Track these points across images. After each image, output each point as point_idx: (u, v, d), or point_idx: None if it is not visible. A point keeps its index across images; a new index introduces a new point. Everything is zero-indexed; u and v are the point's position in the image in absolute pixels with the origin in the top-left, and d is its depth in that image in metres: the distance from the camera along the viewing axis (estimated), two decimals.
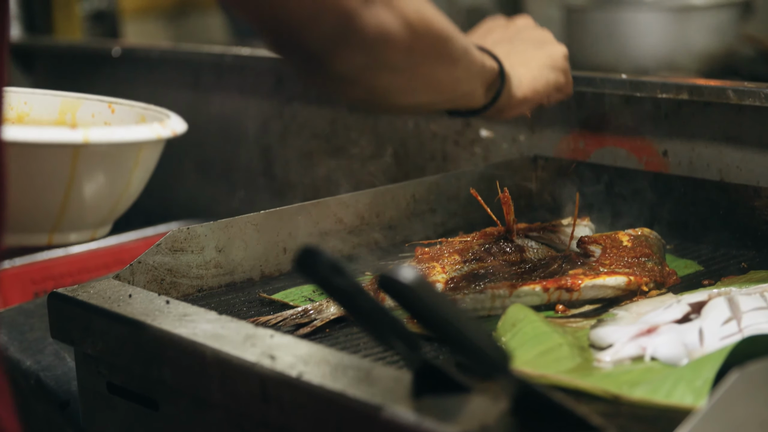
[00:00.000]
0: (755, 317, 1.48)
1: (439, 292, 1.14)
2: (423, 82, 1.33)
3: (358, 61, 1.21)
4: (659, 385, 1.33)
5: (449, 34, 1.32)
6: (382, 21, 1.19)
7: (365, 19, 1.18)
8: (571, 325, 1.57)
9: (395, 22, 1.21)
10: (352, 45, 1.20)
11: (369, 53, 1.21)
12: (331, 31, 1.18)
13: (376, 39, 1.20)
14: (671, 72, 4.60)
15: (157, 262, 1.74)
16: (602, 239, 1.79)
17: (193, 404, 1.48)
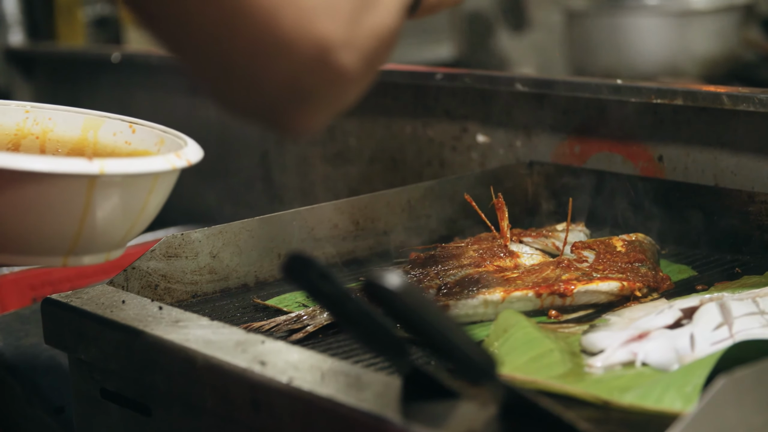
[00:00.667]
0: (746, 323, 1.48)
1: (425, 297, 1.14)
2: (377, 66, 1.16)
3: (321, 115, 1.09)
4: (649, 391, 1.33)
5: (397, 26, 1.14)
6: (340, 70, 1.04)
7: (318, 72, 1.03)
8: (563, 331, 1.57)
9: (353, 68, 1.05)
10: (308, 101, 1.06)
11: (331, 106, 1.09)
12: (278, 90, 1.04)
13: (337, 90, 1.07)
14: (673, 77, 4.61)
15: (151, 267, 1.75)
16: (596, 244, 1.79)
17: (186, 410, 1.48)
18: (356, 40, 1.04)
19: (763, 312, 1.51)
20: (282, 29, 0.99)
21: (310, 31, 1.00)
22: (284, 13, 0.99)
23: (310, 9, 1.01)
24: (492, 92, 2.25)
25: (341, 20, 1.02)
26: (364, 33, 1.05)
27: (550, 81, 2.13)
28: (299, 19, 1.00)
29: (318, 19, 1.00)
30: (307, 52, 1.00)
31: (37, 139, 1.57)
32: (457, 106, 2.33)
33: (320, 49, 1.01)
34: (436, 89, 2.36)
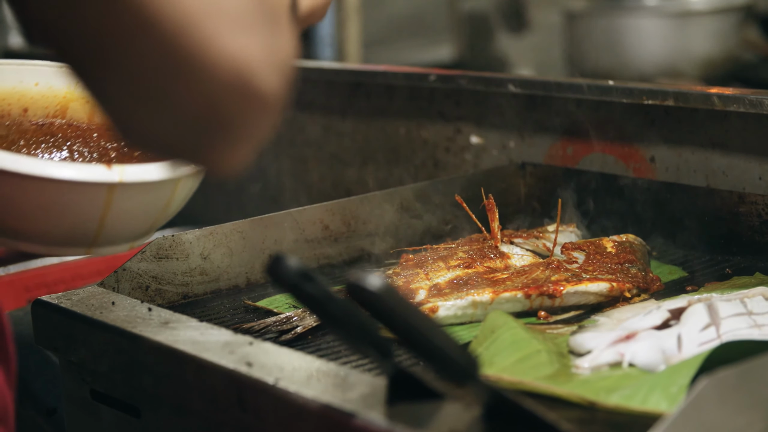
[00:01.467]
0: (734, 323, 1.48)
1: (407, 299, 1.14)
2: None
3: (245, 149, 0.97)
4: (635, 392, 1.34)
5: None
6: (259, 95, 0.94)
7: (237, 96, 0.92)
8: (551, 332, 1.57)
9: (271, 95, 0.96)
10: (230, 131, 0.95)
11: (254, 137, 0.97)
12: (196, 118, 0.93)
13: (258, 118, 0.96)
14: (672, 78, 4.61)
15: (141, 269, 1.75)
16: (586, 245, 1.79)
17: (174, 411, 1.49)
18: (274, 62, 0.95)
19: (750, 313, 1.51)
20: (197, 47, 0.89)
21: (228, 50, 0.90)
22: (199, 29, 0.89)
23: (227, 26, 0.91)
24: (485, 94, 2.25)
25: (260, 40, 0.94)
26: (278, 54, 0.96)
27: (543, 82, 2.13)
28: (216, 37, 0.90)
29: (236, 37, 0.91)
30: (225, 74, 0.90)
31: (87, 103, 1.62)
32: (451, 107, 2.33)
33: (240, 71, 0.91)
34: (430, 91, 2.36)
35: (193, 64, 0.89)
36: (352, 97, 2.53)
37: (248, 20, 0.92)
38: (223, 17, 0.91)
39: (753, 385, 1.20)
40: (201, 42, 0.89)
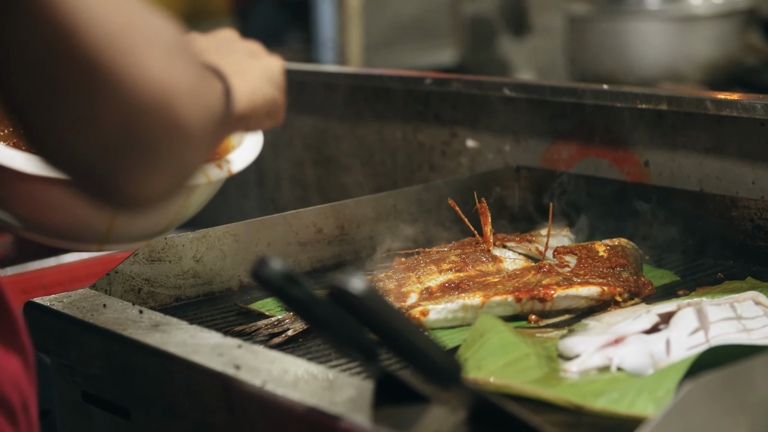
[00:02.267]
0: (723, 327, 1.48)
1: (390, 302, 1.14)
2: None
3: (163, 178, 0.96)
4: (622, 396, 1.34)
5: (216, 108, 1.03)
6: (180, 122, 0.93)
7: (156, 120, 0.91)
8: (541, 335, 1.58)
9: (195, 125, 0.95)
10: (147, 156, 0.93)
11: (173, 166, 0.96)
12: (112, 138, 0.91)
13: (178, 145, 0.94)
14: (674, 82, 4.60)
15: (134, 271, 1.75)
16: (578, 249, 1.79)
17: (164, 413, 1.49)
18: (199, 96, 0.95)
19: (740, 317, 1.52)
20: (120, 68, 0.88)
21: (151, 74, 0.90)
22: (125, 50, 0.89)
23: (154, 51, 0.91)
24: (481, 97, 2.25)
25: (187, 73, 0.94)
26: (205, 94, 0.97)
27: (538, 86, 2.13)
28: (141, 60, 0.90)
29: (163, 63, 0.91)
30: (145, 97, 0.89)
31: None
32: (447, 110, 2.34)
33: (161, 97, 0.90)
34: (426, 94, 2.37)
35: (114, 84, 0.88)
36: (349, 100, 2.54)
37: (177, 51, 0.93)
38: (151, 42, 0.91)
39: (738, 389, 1.20)
40: (125, 63, 0.88)
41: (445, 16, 5.48)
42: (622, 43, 4.75)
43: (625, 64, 4.73)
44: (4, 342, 1.18)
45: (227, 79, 1.11)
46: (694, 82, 4.60)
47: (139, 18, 0.92)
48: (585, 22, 4.86)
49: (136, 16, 0.92)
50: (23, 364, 1.21)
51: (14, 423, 1.17)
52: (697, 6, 4.68)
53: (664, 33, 4.72)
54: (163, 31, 0.93)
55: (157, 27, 0.93)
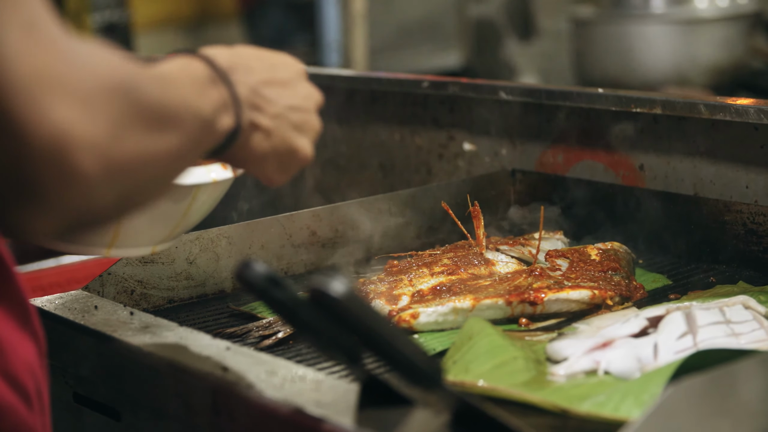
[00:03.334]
0: (711, 332, 1.48)
1: (370, 305, 1.15)
2: (141, 203, 1.07)
3: (52, 218, 0.95)
4: (607, 399, 1.34)
5: (178, 152, 1.06)
6: (76, 169, 0.92)
7: (47, 165, 0.90)
8: (531, 339, 1.58)
9: (98, 171, 0.94)
10: (36, 198, 0.92)
11: (65, 208, 0.94)
12: (7, 176, 0.91)
13: (72, 190, 0.93)
14: (679, 85, 4.60)
15: (127, 273, 1.76)
16: (570, 253, 1.79)
17: (153, 414, 1.49)
18: (113, 149, 0.94)
19: (729, 321, 1.51)
20: (14, 110, 0.88)
21: (50, 119, 0.89)
22: (23, 93, 0.89)
23: (56, 96, 0.90)
24: (478, 101, 2.26)
25: (98, 120, 0.92)
26: (128, 147, 0.96)
27: (533, 89, 2.14)
28: (40, 102, 0.89)
29: (64, 110, 0.90)
30: (40, 142, 0.89)
31: None
32: (445, 114, 2.34)
33: (57, 143, 0.89)
34: (424, 97, 2.37)
35: (7, 125, 0.88)
36: (348, 103, 2.54)
37: (90, 97, 0.92)
38: (56, 87, 0.90)
39: (721, 393, 1.20)
40: (20, 106, 0.88)
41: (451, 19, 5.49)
42: (627, 47, 4.75)
43: (631, 68, 4.73)
44: (19, 329, 1.20)
45: (242, 124, 1.19)
46: (699, 85, 4.60)
47: (57, 62, 0.91)
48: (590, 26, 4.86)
49: (55, 59, 0.91)
50: (37, 351, 1.23)
51: (29, 407, 1.19)
52: (703, 9, 4.68)
53: (670, 36, 4.71)
54: (83, 76, 0.93)
55: (77, 72, 0.92)
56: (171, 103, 1.05)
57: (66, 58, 0.92)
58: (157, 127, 1.01)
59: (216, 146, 1.20)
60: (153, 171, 1.02)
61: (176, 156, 1.06)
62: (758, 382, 1.22)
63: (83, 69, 0.93)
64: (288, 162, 1.34)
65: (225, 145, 1.21)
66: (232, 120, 1.19)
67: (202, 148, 1.15)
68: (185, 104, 1.08)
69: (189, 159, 1.11)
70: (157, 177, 1.05)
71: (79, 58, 0.93)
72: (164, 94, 1.04)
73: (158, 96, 1.02)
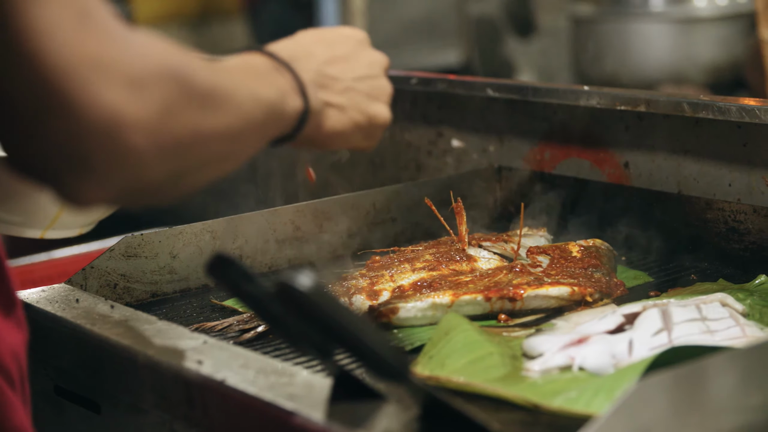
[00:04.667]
0: (686, 329, 1.49)
1: (337, 299, 1.15)
2: (198, 184, 1.13)
3: (102, 189, 1.01)
4: (579, 395, 1.35)
5: (235, 130, 1.12)
6: (125, 146, 0.99)
7: (97, 142, 0.97)
8: (508, 335, 1.58)
9: (147, 148, 1.00)
10: (88, 171, 0.99)
11: (114, 181, 1.01)
12: (56, 151, 0.97)
13: (120, 165, 1.00)
14: (677, 84, 4.60)
15: (110, 267, 1.77)
16: (551, 249, 1.80)
17: (131, 407, 1.50)
18: (163, 128, 1.01)
19: (705, 318, 1.52)
20: (69, 92, 0.95)
21: (102, 100, 0.96)
22: (76, 77, 0.96)
23: (108, 80, 0.97)
24: (466, 98, 2.26)
25: (149, 102, 0.99)
26: (178, 127, 1.03)
27: (520, 87, 2.14)
28: (93, 84, 0.96)
29: (116, 92, 0.97)
30: (93, 121, 0.96)
31: None
32: (434, 110, 2.35)
33: (109, 122, 0.97)
34: (413, 94, 2.38)
35: (62, 106, 0.95)
36: None
37: (140, 79, 0.99)
38: (107, 70, 0.97)
39: (690, 389, 1.20)
40: (75, 88, 0.95)
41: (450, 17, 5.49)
42: (625, 45, 4.75)
43: (629, 66, 4.73)
44: (3, 315, 1.25)
45: (311, 104, 1.28)
46: (698, 84, 4.60)
47: (108, 48, 0.98)
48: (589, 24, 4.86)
49: (106, 45, 0.98)
50: (22, 339, 1.28)
51: (14, 391, 1.24)
52: (702, 8, 4.68)
53: (668, 35, 4.71)
54: (133, 60, 0.99)
55: (127, 56, 0.99)
56: (224, 87, 1.10)
57: (117, 44, 0.99)
58: (209, 109, 1.07)
59: (289, 130, 1.28)
60: (207, 151, 1.09)
61: (233, 138, 1.12)
62: (727, 378, 1.22)
63: (134, 54, 1.00)
64: (370, 129, 1.42)
65: (298, 128, 1.29)
66: (300, 102, 1.27)
67: (268, 132, 1.23)
68: (242, 88, 1.14)
69: (252, 141, 1.19)
70: (214, 158, 1.11)
71: (130, 44, 1.00)
72: (217, 79, 1.10)
73: (211, 80, 1.08)
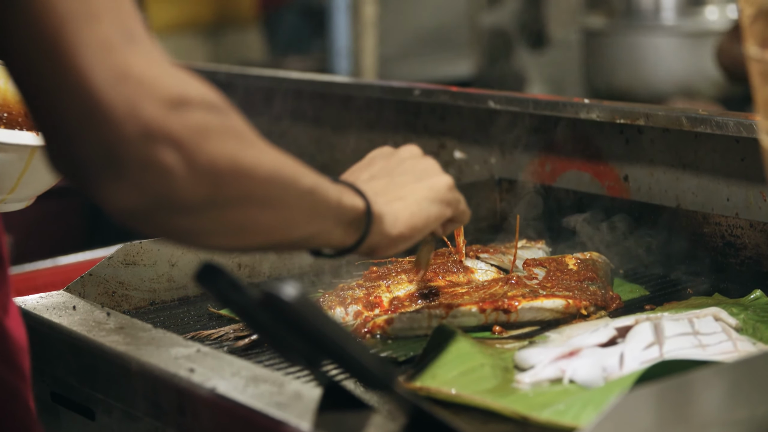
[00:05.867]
0: (678, 342, 1.49)
1: (322, 309, 1.16)
2: (238, 226, 1.15)
3: (132, 197, 1.06)
4: (567, 408, 1.35)
5: (280, 177, 1.16)
6: (161, 162, 1.04)
7: (136, 153, 1.03)
8: (501, 347, 1.59)
9: (183, 167, 1.06)
10: (122, 178, 1.05)
11: (144, 191, 1.05)
12: (100, 154, 1.04)
13: (152, 179, 1.05)
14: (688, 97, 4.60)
15: (108, 274, 1.78)
16: (548, 262, 1.80)
17: (124, 414, 1.51)
18: (197, 149, 1.06)
19: (697, 333, 1.52)
20: (112, 101, 1.02)
21: (141, 113, 1.02)
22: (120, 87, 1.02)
23: (152, 95, 1.04)
24: (469, 109, 2.27)
25: (186, 121, 1.05)
26: (214, 151, 1.08)
27: (521, 99, 2.15)
28: (135, 98, 1.03)
29: (155, 106, 1.03)
30: (130, 131, 1.03)
31: None
32: (436, 122, 2.36)
33: (144, 133, 1.03)
34: (417, 105, 2.39)
35: (104, 116, 1.02)
36: (343, 110, 2.56)
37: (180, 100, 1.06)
38: (149, 87, 1.04)
39: (675, 403, 1.21)
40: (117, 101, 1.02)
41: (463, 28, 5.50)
42: (637, 58, 4.76)
43: (640, 79, 4.74)
44: (16, 317, 1.32)
45: (371, 203, 1.34)
46: (708, 97, 4.60)
47: (150, 66, 1.04)
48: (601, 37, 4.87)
49: (147, 63, 1.04)
50: (26, 338, 1.36)
51: (26, 387, 1.32)
52: (713, 21, 4.68)
53: (680, 48, 4.72)
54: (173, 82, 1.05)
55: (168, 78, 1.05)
56: (261, 140, 1.15)
57: (161, 65, 1.05)
58: (247, 143, 1.12)
59: (352, 232, 1.33)
60: (246, 188, 1.12)
61: (274, 182, 1.15)
62: (713, 392, 1.23)
63: (175, 76, 1.06)
64: (439, 198, 1.47)
65: (366, 230, 1.33)
66: (361, 200, 1.34)
67: (320, 214, 1.26)
68: (282, 155, 1.18)
69: (298, 210, 1.21)
70: (255, 199, 1.14)
71: (172, 68, 1.07)
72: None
73: (249, 127, 1.14)
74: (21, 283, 2.56)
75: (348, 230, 1.32)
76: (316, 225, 1.26)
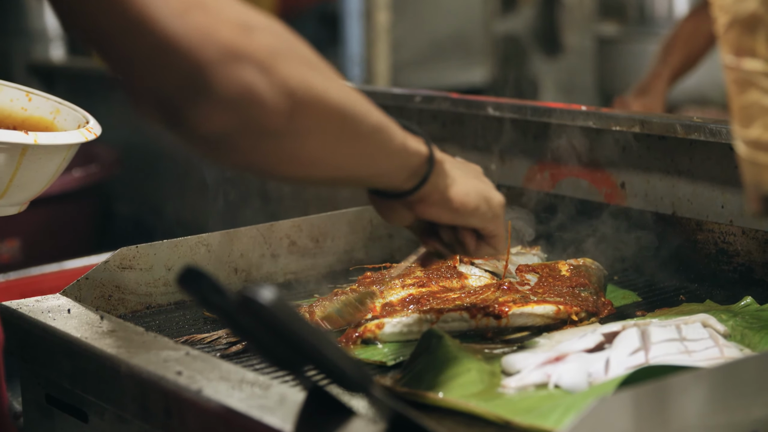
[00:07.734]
0: (664, 348, 1.50)
1: (299, 313, 1.17)
2: (315, 154, 1.22)
3: (221, 119, 1.11)
4: (549, 413, 1.36)
5: (350, 108, 1.22)
6: (246, 81, 1.10)
7: (221, 74, 1.08)
8: (490, 351, 1.60)
9: (266, 86, 1.11)
10: (209, 101, 1.09)
11: (232, 112, 1.11)
12: (182, 82, 1.09)
13: (239, 98, 1.10)
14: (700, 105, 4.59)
15: (104, 278, 1.80)
16: (540, 268, 1.81)
17: (116, 416, 1.53)
18: (273, 69, 1.12)
19: (683, 339, 1.53)
20: (178, 32, 1.07)
21: (220, 37, 1.08)
22: (195, 16, 1.08)
23: (228, 21, 1.10)
24: (468, 116, 2.28)
25: (261, 41, 1.12)
26: (290, 71, 1.13)
27: (520, 106, 2.16)
28: (212, 24, 1.09)
29: (232, 29, 1.10)
30: (208, 53, 1.08)
31: None
32: (437, 128, 2.37)
33: (224, 53, 1.09)
34: (418, 112, 2.40)
35: (188, 44, 1.08)
36: None
37: (253, 23, 1.12)
38: (225, 17, 1.10)
39: (653, 408, 1.21)
40: (216, 64, 1.08)
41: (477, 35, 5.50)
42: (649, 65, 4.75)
43: None
44: None
45: (434, 152, 1.40)
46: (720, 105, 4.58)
47: (242, 38, 1.11)
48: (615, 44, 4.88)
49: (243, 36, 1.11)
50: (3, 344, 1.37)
51: None
52: None
53: None
54: (244, 9, 1.13)
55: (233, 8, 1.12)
56: (363, 118, 1.26)
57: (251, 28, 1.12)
58: (318, 71, 1.19)
59: (411, 176, 1.38)
60: (321, 113, 1.18)
61: (343, 115, 1.21)
62: (692, 397, 1.23)
63: (237, 6, 1.13)
64: (490, 205, 1.50)
65: (424, 177, 1.39)
66: (425, 148, 1.40)
67: (385, 148, 1.31)
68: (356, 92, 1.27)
69: (363, 145, 1.28)
70: (330, 127, 1.20)
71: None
72: (355, 108, 1.25)
73: (348, 105, 1.23)
74: (27, 287, 2.58)
75: (410, 174, 1.38)
76: (383, 163, 1.33)
